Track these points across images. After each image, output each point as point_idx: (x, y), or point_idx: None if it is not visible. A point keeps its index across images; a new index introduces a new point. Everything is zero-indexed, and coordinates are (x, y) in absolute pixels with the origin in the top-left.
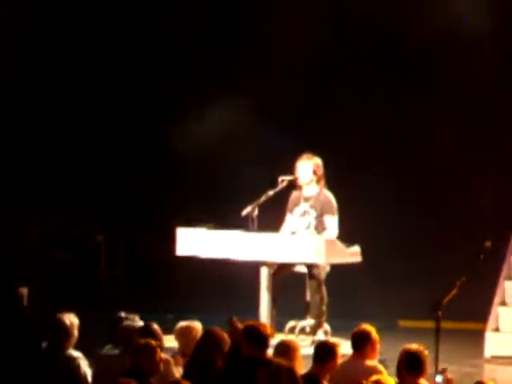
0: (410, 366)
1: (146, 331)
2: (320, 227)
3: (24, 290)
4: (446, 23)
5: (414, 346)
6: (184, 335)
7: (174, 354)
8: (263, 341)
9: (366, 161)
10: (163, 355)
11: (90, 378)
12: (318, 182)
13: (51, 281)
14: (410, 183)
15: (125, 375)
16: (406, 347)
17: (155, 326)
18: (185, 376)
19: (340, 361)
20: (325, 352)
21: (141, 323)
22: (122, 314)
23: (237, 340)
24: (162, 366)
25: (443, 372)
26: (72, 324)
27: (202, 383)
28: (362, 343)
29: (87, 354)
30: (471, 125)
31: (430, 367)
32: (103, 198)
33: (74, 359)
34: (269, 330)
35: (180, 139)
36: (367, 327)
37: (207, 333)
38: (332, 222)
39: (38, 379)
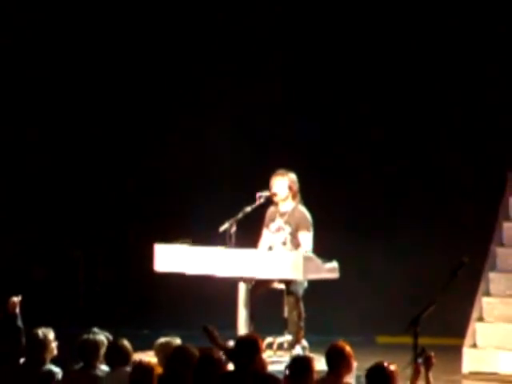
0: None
1: (114, 347)
2: (294, 242)
3: (16, 298)
4: None
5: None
6: (163, 351)
7: None
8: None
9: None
10: None
11: None
12: (293, 197)
13: (29, 296)
14: (389, 200)
15: None
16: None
17: (124, 343)
18: None
19: (316, 378)
20: (300, 367)
21: (102, 337)
22: (95, 330)
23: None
24: None
25: (422, 352)
26: (47, 337)
27: None
28: (336, 361)
29: (65, 370)
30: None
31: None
32: (81, 214)
33: (52, 374)
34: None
35: (159, 157)
36: (340, 344)
37: (178, 349)
38: (306, 238)
39: None
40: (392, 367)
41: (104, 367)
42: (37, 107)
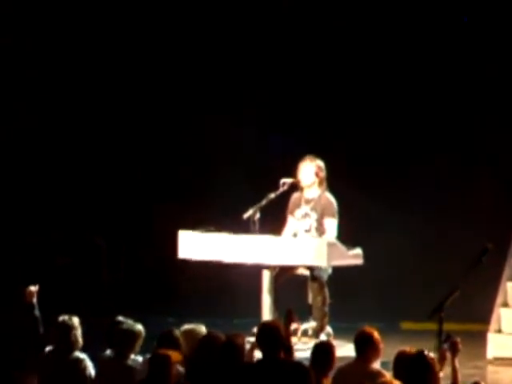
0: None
1: (167, 338)
2: (321, 229)
3: (33, 288)
4: None
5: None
6: (189, 338)
7: None
8: (279, 341)
9: (368, 162)
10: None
11: None
12: (319, 184)
13: (53, 286)
14: (411, 185)
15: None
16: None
17: (176, 333)
18: (187, 378)
19: (343, 364)
20: (321, 353)
21: (139, 326)
22: (120, 319)
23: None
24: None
25: (448, 338)
26: (76, 324)
27: None
28: (364, 347)
29: (90, 358)
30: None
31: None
32: (104, 202)
33: (80, 361)
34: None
35: (183, 144)
36: (368, 330)
37: (206, 336)
38: (331, 225)
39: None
40: (432, 355)
41: (136, 357)
42: (56, 92)
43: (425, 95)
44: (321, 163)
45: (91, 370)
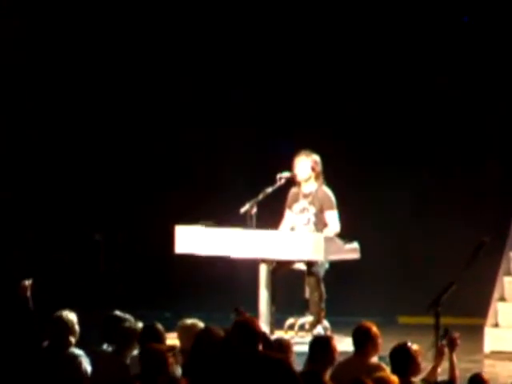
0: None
1: (150, 332)
2: (320, 223)
3: (27, 282)
4: None
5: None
6: (187, 333)
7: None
8: (255, 336)
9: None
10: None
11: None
12: (316, 178)
13: (50, 280)
14: (408, 179)
15: (134, 379)
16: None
17: (159, 327)
18: (184, 374)
19: (341, 358)
20: (319, 348)
21: (140, 325)
22: (117, 313)
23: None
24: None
25: (446, 334)
26: (72, 321)
27: (201, 381)
28: (362, 341)
29: (86, 353)
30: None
31: (428, 363)
32: (102, 196)
33: (75, 357)
34: (259, 326)
35: (179, 139)
36: (367, 324)
37: (203, 331)
38: (333, 217)
39: (38, 376)
40: (415, 347)
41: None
42: (53, 86)
43: (422, 89)
44: (317, 158)
45: (87, 366)
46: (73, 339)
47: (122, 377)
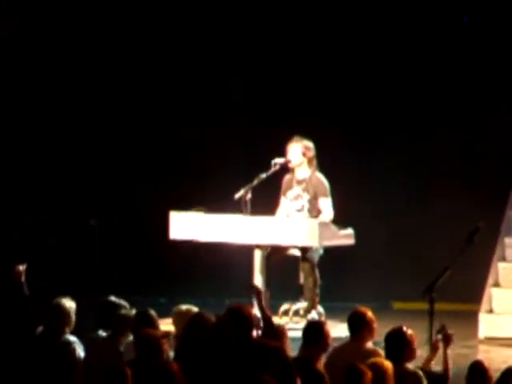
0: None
1: (143, 318)
2: (314, 210)
3: (21, 267)
4: None
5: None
6: (182, 319)
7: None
8: (247, 323)
9: (359, 145)
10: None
11: None
12: (308, 164)
13: (44, 265)
14: (403, 168)
15: (129, 365)
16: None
17: (152, 313)
18: (176, 358)
19: (336, 344)
20: (313, 333)
21: (133, 311)
22: (112, 299)
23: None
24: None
25: (442, 329)
26: (70, 309)
27: (193, 366)
28: (358, 326)
29: (80, 338)
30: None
31: (423, 349)
32: (96, 182)
33: (69, 344)
34: (251, 312)
35: (175, 127)
36: (362, 309)
37: (195, 316)
38: (326, 204)
39: (32, 362)
40: (410, 332)
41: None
42: (54, 79)
43: (422, 89)
44: (308, 143)
45: (81, 353)
46: (68, 326)
47: (115, 362)
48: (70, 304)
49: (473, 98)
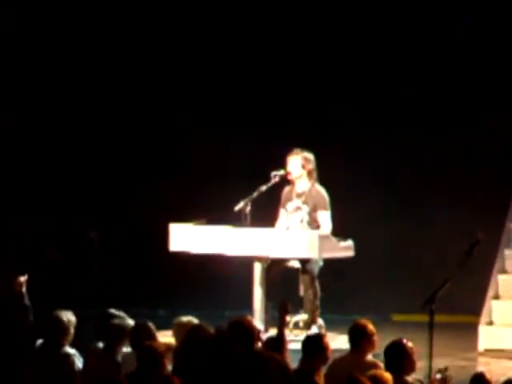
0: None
1: (142, 330)
2: (313, 222)
3: (22, 278)
4: None
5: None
6: (182, 331)
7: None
8: (250, 335)
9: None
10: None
11: None
12: (308, 176)
13: (43, 278)
14: (402, 179)
15: (131, 376)
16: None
17: (150, 325)
18: (173, 372)
19: (336, 355)
20: (312, 346)
21: (131, 322)
22: (111, 311)
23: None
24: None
25: (444, 370)
26: (70, 322)
27: (190, 379)
28: (358, 338)
29: (80, 351)
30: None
31: (423, 361)
32: (96, 194)
33: (69, 356)
34: (254, 325)
35: (173, 138)
36: (362, 321)
37: (193, 328)
38: (325, 217)
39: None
40: (410, 344)
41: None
42: (50, 86)
43: (421, 89)
44: (308, 155)
45: (80, 365)
46: (67, 339)
47: (112, 373)
48: (69, 317)
49: (473, 98)
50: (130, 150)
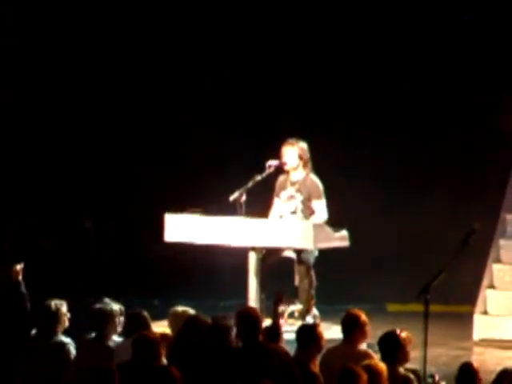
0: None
1: (136, 320)
2: (307, 211)
3: (19, 266)
4: None
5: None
6: (178, 321)
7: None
8: (256, 325)
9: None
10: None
11: None
12: (304, 166)
13: (39, 268)
14: (397, 168)
15: (126, 365)
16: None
17: (145, 314)
18: (170, 360)
19: (330, 345)
20: (306, 335)
21: (115, 307)
22: (106, 300)
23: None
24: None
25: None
26: (60, 309)
27: (186, 369)
28: (351, 328)
29: (76, 340)
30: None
31: (418, 350)
32: (92, 183)
33: (63, 345)
34: (260, 315)
35: (171, 128)
36: (356, 312)
37: (190, 318)
38: (320, 206)
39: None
40: (403, 334)
41: (116, 338)
42: (48, 78)
43: (421, 88)
44: (303, 145)
45: (74, 353)
46: (60, 328)
47: (103, 361)
48: (60, 305)
49: (473, 98)
50: (125, 140)
